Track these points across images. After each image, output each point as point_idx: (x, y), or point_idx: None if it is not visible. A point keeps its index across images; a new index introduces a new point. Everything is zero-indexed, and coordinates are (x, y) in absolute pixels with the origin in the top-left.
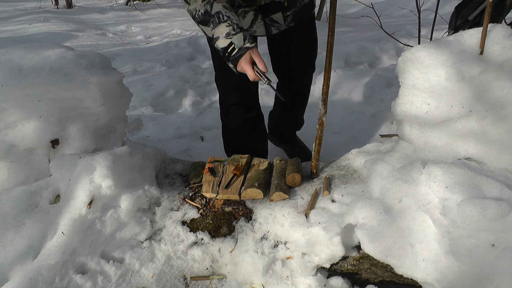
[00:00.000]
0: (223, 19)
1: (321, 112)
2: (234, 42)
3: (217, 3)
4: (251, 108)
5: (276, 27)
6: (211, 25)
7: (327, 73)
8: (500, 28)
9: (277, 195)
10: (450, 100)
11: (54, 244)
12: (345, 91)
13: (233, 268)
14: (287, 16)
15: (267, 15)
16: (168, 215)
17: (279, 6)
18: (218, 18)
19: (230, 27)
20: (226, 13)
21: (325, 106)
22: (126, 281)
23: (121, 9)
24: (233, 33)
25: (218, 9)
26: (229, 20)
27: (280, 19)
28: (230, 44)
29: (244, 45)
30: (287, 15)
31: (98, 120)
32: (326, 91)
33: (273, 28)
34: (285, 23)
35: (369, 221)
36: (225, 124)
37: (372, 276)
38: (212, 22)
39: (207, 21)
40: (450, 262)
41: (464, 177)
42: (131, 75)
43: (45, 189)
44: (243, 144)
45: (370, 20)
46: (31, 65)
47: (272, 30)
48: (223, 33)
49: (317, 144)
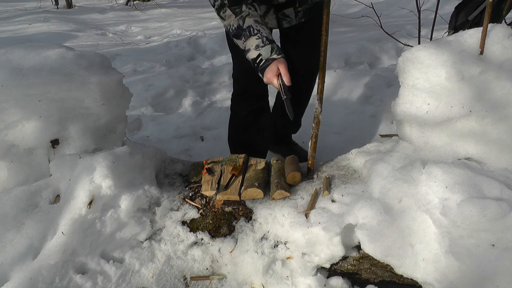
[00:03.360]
0: (253, 33)
1: (317, 110)
2: (262, 54)
3: (249, 18)
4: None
5: (287, 21)
6: (243, 38)
7: (322, 72)
8: (500, 28)
9: (278, 193)
10: (450, 100)
11: (54, 244)
12: (345, 91)
13: (233, 268)
14: (298, 11)
15: (279, 9)
16: (168, 215)
17: (292, 2)
18: (249, 32)
19: (260, 39)
20: (256, 27)
21: (321, 105)
22: (126, 281)
23: (121, 9)
24: (261, 45)
25: (250, 23)
26: (259, 33)
27: (292, 14)
28: (258, 55)
29: (270, 56)
30: (299, 11)
31: (98, 120)
32: (322, 90)
33: (285, 22)
34: (296, 18)
35: (369, 221)
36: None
37: (372, 276)
38: (244, 35)
39: (240, 34)
40: (450, 262)
41: (464, 177)
42: (131, 75)
43: (45, 189)
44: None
45: (370, 20)
46: (31, 65)
47: (284, 24)
48: (253, 45)
49: (313, 142)
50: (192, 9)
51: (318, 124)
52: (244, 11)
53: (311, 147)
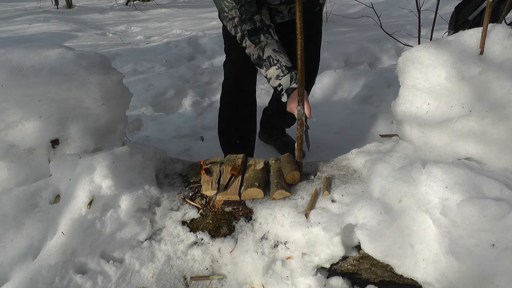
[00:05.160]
0: (273, 63)
1: (300, 112)
2: (282, 84)
3: (268, 47)
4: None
5: (280, 17)
6: (264, 68)
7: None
8: (500, 28)
9: (279, 193)
10: (450, 100)
11: (54, 244)
12: (345, 91)
13: (233, 268)
14: (291, 8)
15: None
16: (168, 215)
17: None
18: (269, 62)
19: (279, 70)
20: (275, 56)
21: (303, 107)
22: (126, 281)
23: (121, 9)
24: (281, 75)
25: (269, 53)
26: (278, 63)
27: (284, 10)
28: (279, 85)
29: (290, 86)
30: (292, 7)
31: (98, 120)
32: (302, 92)
33: (277, 18)
34: (289, 14)
35: (369, 221)
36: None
37: (372, 276)
38: (265, 65)
39: (261, 64)
40: (450, 262)
41: (464, 177)
42: (131, 75)
43: (45, 189)
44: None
45: (370, 20)
46: (31, 65)
47: (277, 19)
48: (274, 75)
49: (299, 143)
50: (192, 9)
51: (302, 125)
52: (262, 41)
53: (297, 148)
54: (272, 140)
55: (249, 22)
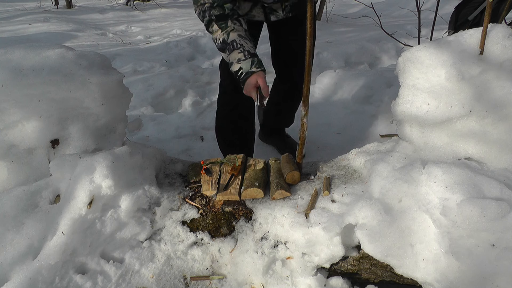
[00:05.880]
0: (236, 47)
1: (301, 113)
2: (242, 67)
3: (234, 32)
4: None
5: (274, 15)
6: (227, 51)
7: (307, 75)
8: (500, 28)
9: (279, 193)
10: (450, 100)
11: (54, 244)
12: (345, 91)
13: (233, 268)
14: (285, 6)
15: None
16: (168, 215)
17: None
18: (232, 46)
19: (242, 53)
20: (240, 41)
21: (305, 108)
22: (126, 281)
23: (121, 9)
24: (243, 59)
25: (234, 38)
26: (241, 47)
27: (279, 8)
28: (240, 68)
29: (250, 70)
30: (286, 6)
31: (98, 120)
32: (307, 94)
33: (272, 16)
34: (283, 12)
35: (369, 221)
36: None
37: (372, 276)
38: (228, 49)
39: (224, 48)
40: (450, 262)
41: (464, 177)
42: (131, 75)
43: (45, 189)
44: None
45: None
46: (31, 65)
47: (271, 17)
48: (236, 58)
49: (300, 144)
50: (192, 9)
51: (303, 126)
52: (229, 26)
53: (299, 149)
54: (272, 140)
55: (218, 8)
